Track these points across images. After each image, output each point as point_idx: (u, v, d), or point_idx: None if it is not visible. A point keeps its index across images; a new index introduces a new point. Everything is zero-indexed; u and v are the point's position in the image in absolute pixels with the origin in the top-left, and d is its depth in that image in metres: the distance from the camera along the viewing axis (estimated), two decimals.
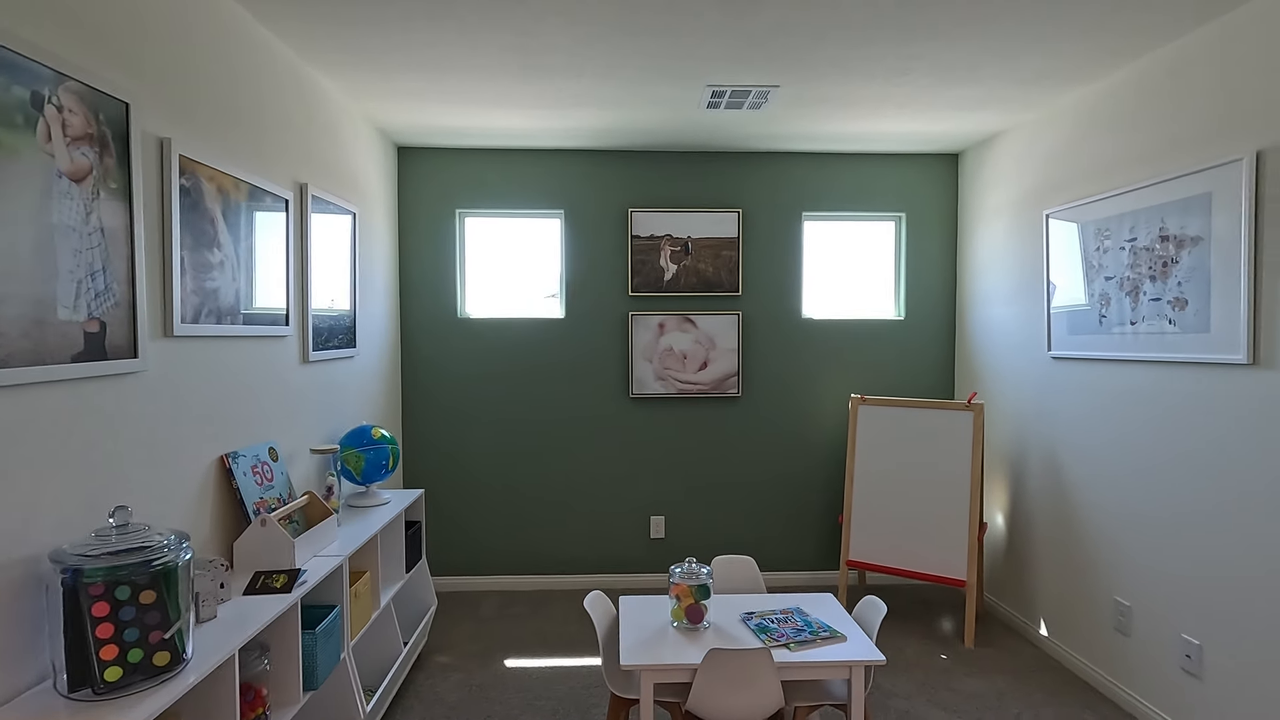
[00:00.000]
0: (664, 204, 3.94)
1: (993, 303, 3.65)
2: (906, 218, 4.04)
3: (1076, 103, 2.99)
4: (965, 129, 3.52)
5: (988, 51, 2.55)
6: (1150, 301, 2.57)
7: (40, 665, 1.45)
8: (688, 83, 2.89)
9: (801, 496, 4.05)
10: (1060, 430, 3.11)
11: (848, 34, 2.41)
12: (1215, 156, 2.30)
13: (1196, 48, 2.38)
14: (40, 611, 1.45)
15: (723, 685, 1.96)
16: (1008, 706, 2.71)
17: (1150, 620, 2.59)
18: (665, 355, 3.96)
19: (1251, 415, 2.17)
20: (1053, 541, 3.17)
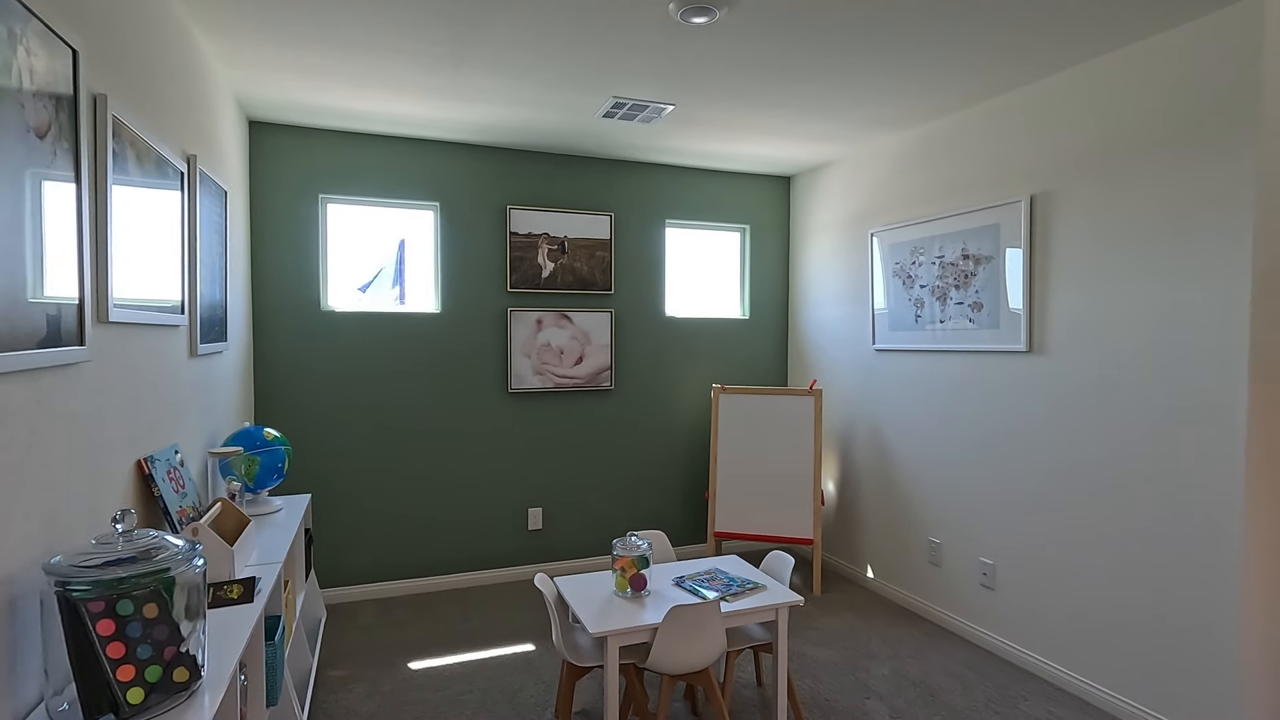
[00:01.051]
0: (542, 203, 4.05)
1: (824, 305, 4.33)
2: (750, 229, 4.61)
3: (897, 144, 3.71)
4: (802, 156, 4.14)
5: (846, 97, 3.11)
6: (955, 305, 3.33)
7: (24, 694, 1.24)
8: (596, 92, 3.07)
9: (670, 479, 4.42)
10: (883, 409, 3.83)
11: (757, 70, 2.79)
12: (1002, 197, 3.08)
13: (985, 115, 3.14)
14: (15, 633, 1.23)
15: (680, 638, 2.20)
16: (858, 634, 3.31)
17: (956, 551, 3.35)
18: (543, 350, 4.07)
19: (1029, 388, 2.96)
20: (877, 501, 3.89)
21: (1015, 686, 2.82)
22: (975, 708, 2.65)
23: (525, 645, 3.19)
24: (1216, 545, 2.30)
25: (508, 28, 2.44)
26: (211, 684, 1.35)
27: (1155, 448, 2.48)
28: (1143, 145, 2.51)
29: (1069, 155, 2.78)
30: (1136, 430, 2.54)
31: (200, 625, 1.36)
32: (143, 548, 1.31)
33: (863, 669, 2.96)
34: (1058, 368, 2.84)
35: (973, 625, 3.25)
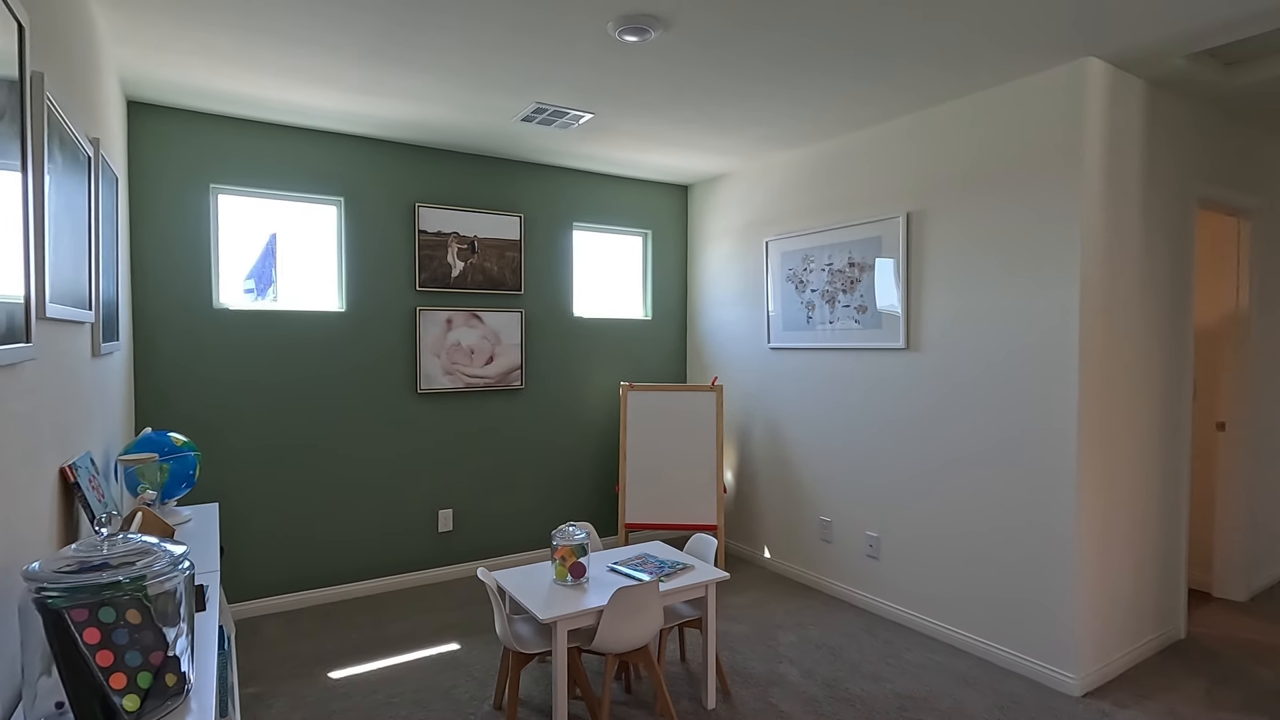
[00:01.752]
0: (452, 202, 4.03)
1: (723, 306, 4.64)
2: (652, 234, 4.83)
3: (790, 160, 4.08)
4: (701, 167, 4.42)
5: (749, 117, 3.39)
6: (843, 307, 3.72)
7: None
8: (520, 96, 3.13)
9: (581, 474, 4.53)
10: (778, 402, 4.19)
11: (674, 87, 2.99)
12: (883, 213, 3.50)
13: (870, 140, 3.56)
14: None
15: (624, 618, 2.35)
16: (764, 609, 3.61)
17: (845, 528, 3.75)
18: (453, 350, 4.04)
19: (907, 380, 3.39)
20: (773, 487, 4.24)
21: (900, 640, 3.22)
22: (870, 660, 3.02)
23: (450, 645, 3.18)
24: (1056, 511, 2.80)
25: (442, 30, 2.46)
26: (199, 689, 1.32)
27: (1009, 428, 2.95)
28: (999, 172, 2.99)
29: (940, 178, 3.23)
30: (994, 413, 3.01)
31: (186, 630, 1.32)
32: (124, 552, 1.25)
33: (772, 638, 3.25)
34: (930, 362, 3.28)
35: (862, 592, 3.65)
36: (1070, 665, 2.75)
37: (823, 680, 2.85)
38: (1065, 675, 2.76)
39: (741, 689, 2.78)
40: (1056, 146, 2.78)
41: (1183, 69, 2.79)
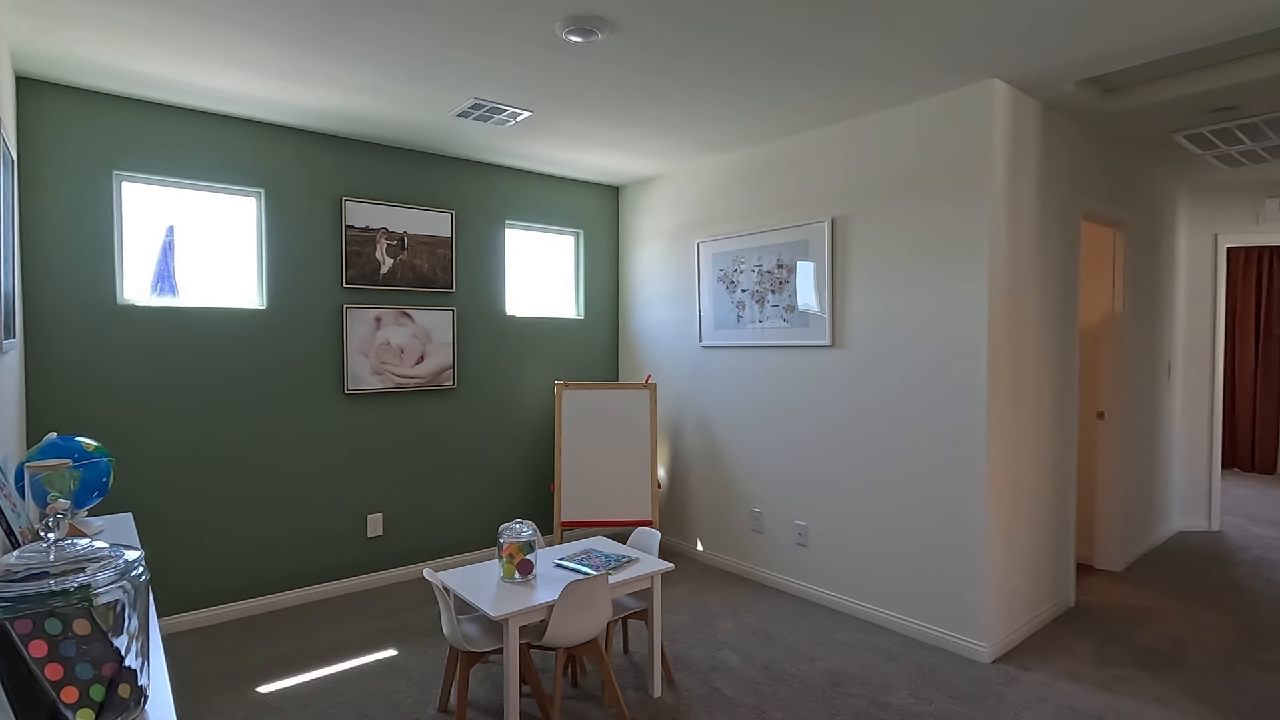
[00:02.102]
0: (381, 197, 3.91)
1: (654, 306, 4.73)
2: (584, 234, 4.86)
3: (721, 165, 4.21)
4: (633, 168, 4.49)
5: (685, 121, 3.49)
6: (772, 307, 3.89)
7: None
8: (458, 92, 3.09)
9: (515, 474, 4.49)
10: (710, 399, 4.31)
11: (615, 89, 3.04)
12: (810, 218, 3.68)
13: (797, 147, 3.74)
14: None
15: (575, 611, 2.38)
16: (700, 599, 3.71)
17: (775, 518, 3.91)
18: (382, 349, 3.92)
19: (832, 375, 3.58)
20: (705, 482, 4.36)
21: (830, 623, 3.40)
22: (803, 643, 3.17)
23: (387, 651, 3.10)
24: (968, 496, 3.04)
25: (380, 20, 2.41)
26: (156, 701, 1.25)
27: (926, 419, 3.18)
28: (915, 181, 3.21)
29: (862, 185, 3.43)
30: (913, 406, 3.23)
31: (140, 638, 1.25)
32: (71, 558, 1.17)
33: (710, 626, 3.36)
34: (855, 358, 3.48)
35: (792, 579, 3.82)
36: (981, 635, 3.00)
37: (761, 663, 2.97)
38: (977, 644, 3.01)
39: (685, 676, 2.86)
40: (966, 159, 3.02)
41: (1072, 93, 3.10)
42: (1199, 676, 2.85)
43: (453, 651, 2.54)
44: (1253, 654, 3.05)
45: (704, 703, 2.65)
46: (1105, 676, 2.85)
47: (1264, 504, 5.79)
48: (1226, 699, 2.67)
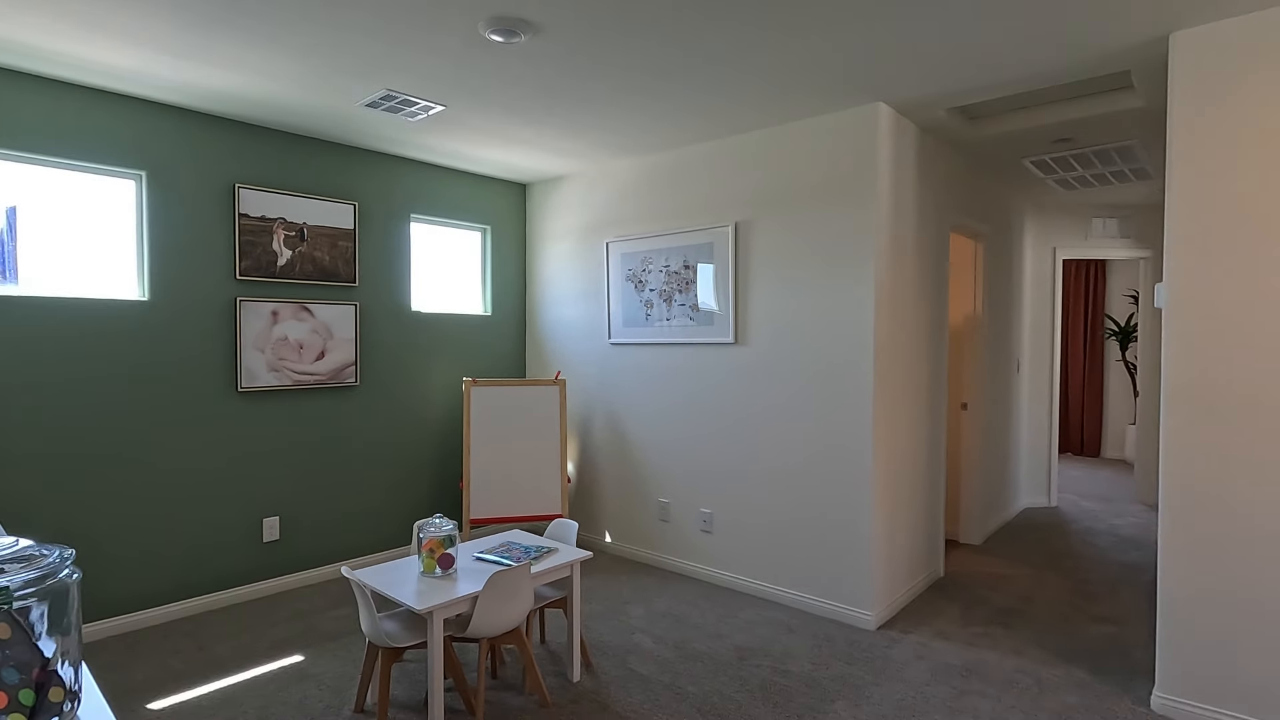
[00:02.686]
0: (279, 185, 3.73)
1: (563, 304, 4.79)
2: (491, 230, 4.84)
3: (631, 167, 4.34)
4: (541, 166, 4.54)
5: (599, 124, 3.59)
6: (679, 306, 4.07)
7: None
8: (370, 81, 3.03)
9: (422, 473, 4.41)
10: (618, 395, 4.44)
11: (533, 89, 3.08)
12: (715, 222, 3.89)
13: (705, 154, 3.94)
14: None
15: (499, 601, 2.43)
16: (611, 588, 3.83)
17: (682, 507, 4.10)
18: (280, 345, 3.74)
19: (736, 370, 3.81)
20: (614, 475, 4.48)
21: (734, 603, 3.62)
22: (710, 622, 3.37)
23: (292, 658, 2.98)
24: (857, 480, 3.35)
25: (300, 4, 2.34)
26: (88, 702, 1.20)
27: (820, 409, 3.47)
28: (812, 189, 3.49)
29: (763, 193, 3.68)
30: (808, 397, 3.51)
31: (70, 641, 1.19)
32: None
33: (623, 613, 3.48)
34: (756, 354, 3.73)
35: (698, 565, 4.02)
36: (867, 606, 3.32)
37: (672, 644, 3.13)
38: (864, 614, 3.32)
39: (602, 660, 2.97)
40: (856, 172, 3.33)
41: (943, 119, 3.48)
42: (1044, 629, 3.30)
43: (371, 650, 2.51)
44: (1086, 608, 3.57)
45: (622, 683, 2.77)
46: (970, 634, 3.24)
47: (1091, 482, 6.69)
48: (1066, 646, 3.12)
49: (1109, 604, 3.61)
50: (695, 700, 2.64)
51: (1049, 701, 2.64)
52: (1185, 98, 2.49)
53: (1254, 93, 2.36)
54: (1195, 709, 2.48)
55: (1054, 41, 2.59)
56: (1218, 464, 2.43)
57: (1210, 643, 2.45)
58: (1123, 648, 3.10)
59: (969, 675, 2.84)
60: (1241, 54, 2.38)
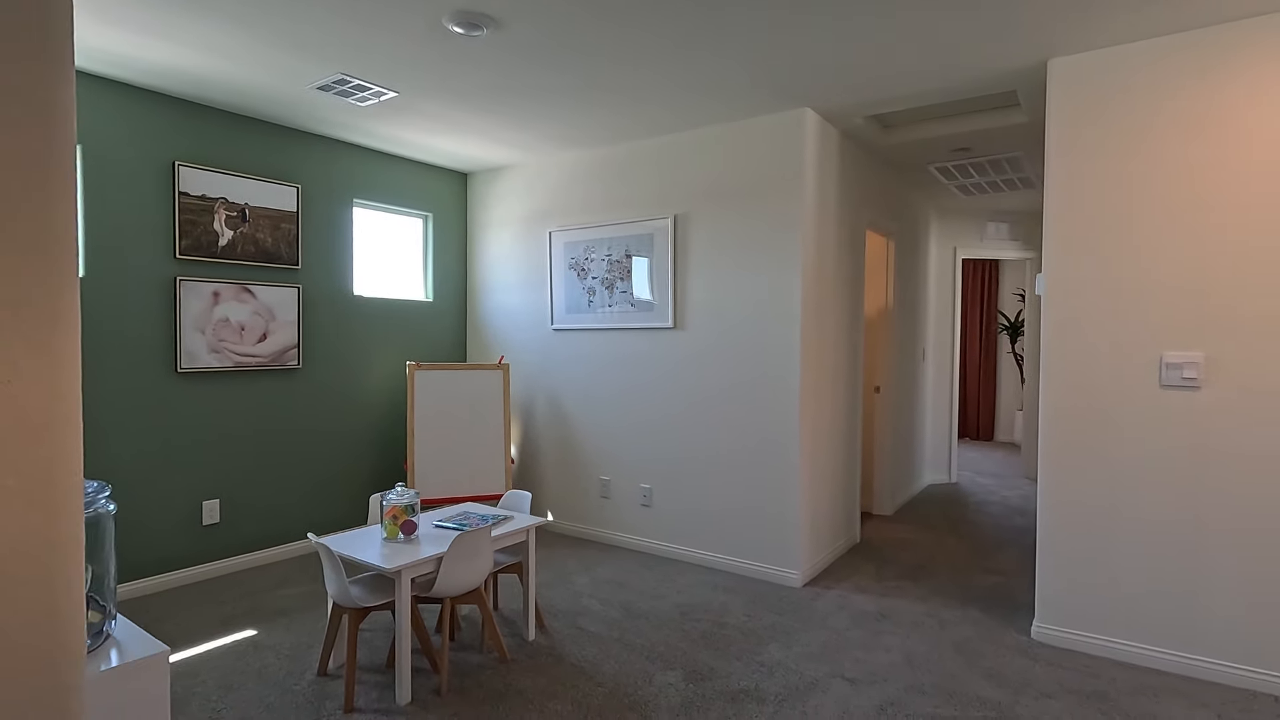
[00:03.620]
0: (221, 165, 3.69)
1: (506, 290, 4.92)
2: (433, 217, 4.91)
3: (575, 159, 4.52)
4: (485, 155, 4.65)
5: (548, 116, 3.76)
6: (620, 293, 4.29)
7: None
8: (325, 64, 3.09)
9: (366, 455, 4.44)
10: (560, 379, 4.62)
11: (489, 80, 3.23)
12: (655, 214, 4.14)
13: (647, 150, 4.18)
14: None
15: (463, 562, 2.58)
16: (558, 560, 4.02)
17: (622, 483, 4.33)
18: (221, 326, 3.71)
19: (675, 354, 4.07)
20: (556, 455, 4.66)
21: (673, 570, 3.88)
22: (651, 586, 3.61)
23: (245, 632, 3.02)
24: (786, 456, 3.67)
25: None
26: (121, 624, 1.30)
27: (751, 392, 3.78)
28: (744, 186, 3.79)
29: (701, 188, 3.95)
30: (741, 380, 3.81)
31: (105, 567, 1.29)
32: None
33: (569, 581, 3.68)
34: (693, 338, 4.00)
35: (639, 538, 4.26)
36: (794, 567, 3.65)
37: (618, 605, 3.36)
38: (791, 574, 3.66)
39: (554, 621, 3.16)
40: (785, 171, 3.65)
41: (861, 126, 3.86)
42: (945, 581, 3.74)
43: (336, 613, 2.60)
44: (979, 563, 4.04)
45: (574, 640, 2.97)
46: (883, 587, 3.63)
47: (985, 462, 7.39)
48: (964, 593, 3.55)
49: (998, 559, 4.11)
50: (643, 650, 2.88)
51: (950, 635, 3.03)
52: (1060, 118, 2.93)
53: (1114, 115, 2.81)
54: (1065, 633, 2.93)
55: (952, 63, 2.98)
56: (1085, 424, 2.88)
57: (1075, 580, 2.90)
58: (1010, 593, 3.56)
59: (883, 619, 3.21)
60: (1105, 82, 2.83)
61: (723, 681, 2.62)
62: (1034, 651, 2.89)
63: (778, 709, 2.43)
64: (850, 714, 2.40)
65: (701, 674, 2.68)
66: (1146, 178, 2.76)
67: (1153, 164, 2.74)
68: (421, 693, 2.53)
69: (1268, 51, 2.53)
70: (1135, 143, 2.77)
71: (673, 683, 2.61)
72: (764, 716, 2.38)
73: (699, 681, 2.62)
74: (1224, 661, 2.63)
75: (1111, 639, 2.83)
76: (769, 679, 2.64)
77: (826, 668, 2.74)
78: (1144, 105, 2.75)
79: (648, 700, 2.48)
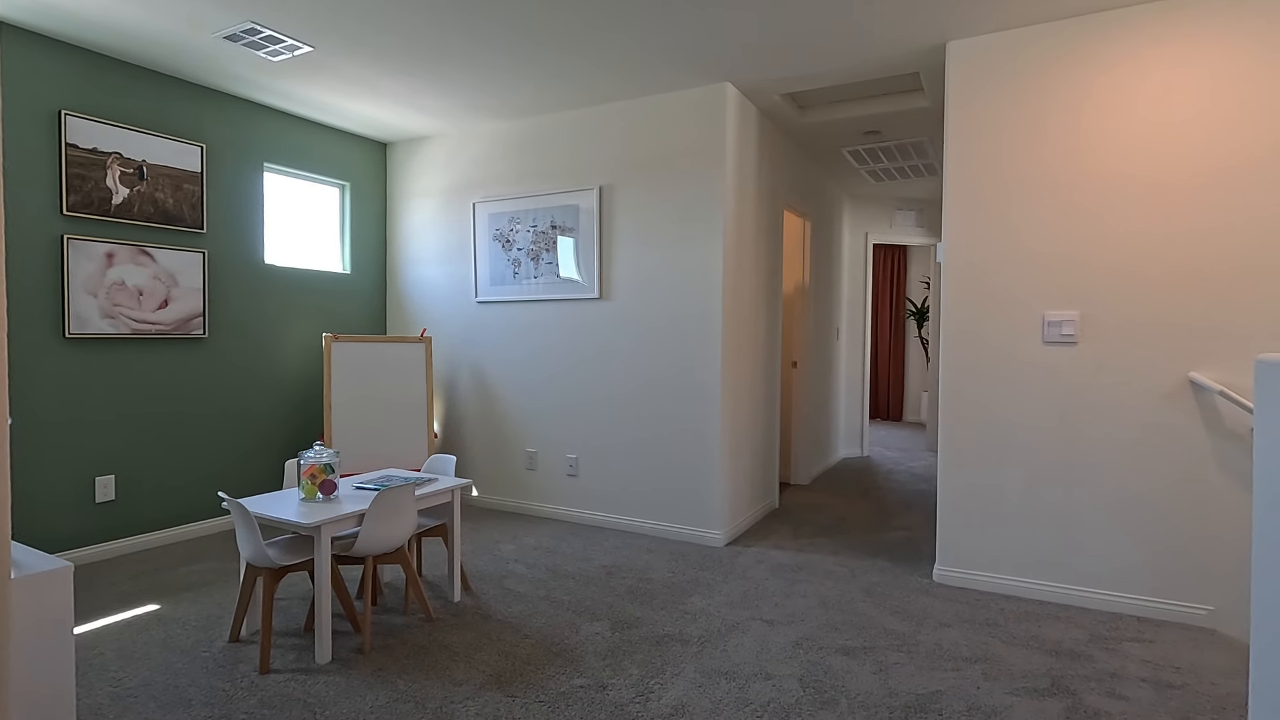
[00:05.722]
0: (114, 117, 3.45)
1: (426, 262, 4.82)
2: (350, 186, 4.75)
3: (497, 130, 4.48)
4: (405, 125, 4.54)
5: (469, 83, 3.72)
6: (546, 264, 4.30)
7: None
8: (233, 11, 2.95)
9: (277, 429, 4.25)
10: (485, 351, 4.58)
11: (409, 37, 3.16)
12: (580, 185, 4.17)
13: (571, 121, 4.19)
14: None
15: (385, 519, 2.54)
16: (483, 531, 3.99)
17: (548, 455, 4.34)
18: (116, 290, 3.48)
19: (601, 325, 4.12)
20: (480, 429, 4.62)
21: (598, 536, 3.94)
22: (578, 550, 3.65)
23: (147, 607, 2.86)
24: (707, 423, 3.79)
25: None
26: None
27: (675, 359, 3.87)
28: (668, 158, 3.87)
29: (626, 160, 4.01)
30: (665, 347, 3.90)
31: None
32: None
33: (495, 550, 3.67)
34: (618, 308, 4.06)
35: (564, 507, 4.29)
36: (717, 527, 3.78)
37: (545, 568, 3.38)
38: (714, 534, 3.78)
39: (480, 584, 3.15)
40: (707, 143, 3.76)
41: (779, 104, 4.02)
42: (857, 538, 3.96)
43: (250, 575, 2.51)
44: (887, 521, 4.30)
45: (501, 599, 2.98)
46: (799, 544, 3.81)
47: (894, 439, 7.82)
48: (873, 547, 3.77)
49: (904, 518, 4.38)
50: (570, 606, 2.92)
51: (860, 582, 3.23)
52: (957, 98, 3.15)
53: (1005, 97, 3.06)
54: (962, 574, 3.17)
55: (861, 41, 3.16)
56: (980, 378, 3.12)
57: (970, 524, 3.15)
58: (914, 545, 3.81)
59: (799, 571, 3.38)
60: (998, 65, 3.07)
61: (648, 628, 2.69)
62: (935, 591, 3.11)
63: (701, 649, 2.52)
64: (768, 649, 2.52)
65: (627, 623, 2.74)
66: (1031, 156, 3.02)
67: (1036, 144, 3.00)
68: (343, 652, 2.47)
69: (1136, 43, 2.82)
70: (1022, 124, 3.03)
71: (599, 632, 2.66)
72: (688, 656, 2.47)
73: (625, 629, 2.68)
74: (1094, 589, 2.93)
75: (1002, 576, 3.09)
76: (692, 624, 2.74)
77: (746, 613, 2.86)
78: (1032, 88, 3.01)
79: (575, 647, 2.53)
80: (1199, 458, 2.75)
